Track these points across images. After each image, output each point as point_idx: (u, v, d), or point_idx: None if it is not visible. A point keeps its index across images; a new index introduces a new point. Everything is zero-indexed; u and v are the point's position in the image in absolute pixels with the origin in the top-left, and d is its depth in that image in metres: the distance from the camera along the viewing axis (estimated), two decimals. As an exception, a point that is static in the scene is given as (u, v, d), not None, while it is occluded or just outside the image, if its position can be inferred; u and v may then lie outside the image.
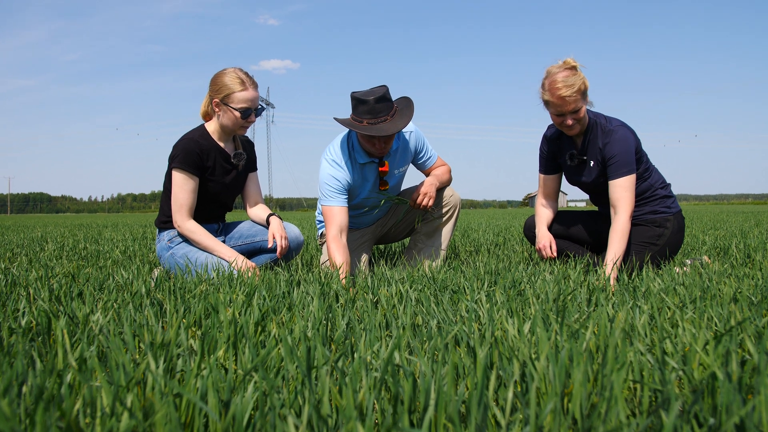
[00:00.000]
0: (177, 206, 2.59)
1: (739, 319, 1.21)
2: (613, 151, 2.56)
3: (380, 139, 2.59)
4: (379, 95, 2.53)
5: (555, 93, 2.49)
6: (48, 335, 1.35)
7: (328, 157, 2.75)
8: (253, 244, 2.86)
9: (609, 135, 2.58)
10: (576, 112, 2.53)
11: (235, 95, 2.55)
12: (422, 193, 2.76)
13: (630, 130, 2.61)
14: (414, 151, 2.93)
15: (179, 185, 2.58)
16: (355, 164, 2.75)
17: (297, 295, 1.77)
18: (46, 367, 0.90)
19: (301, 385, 0.84)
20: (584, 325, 1.06)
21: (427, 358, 1.07)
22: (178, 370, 1.05)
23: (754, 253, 3.15)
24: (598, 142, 2.62)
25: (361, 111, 2.54)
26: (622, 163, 2.55)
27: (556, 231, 2.95)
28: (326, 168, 2.73)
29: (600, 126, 2.62)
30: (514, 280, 2.02)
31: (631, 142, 2.57)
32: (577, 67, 2.53)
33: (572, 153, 2.73)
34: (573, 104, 2.50)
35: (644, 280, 2.04)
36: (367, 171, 2.80)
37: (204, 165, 2.63)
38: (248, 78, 2.60)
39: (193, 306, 1.59)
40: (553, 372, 0.81)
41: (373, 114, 2.53)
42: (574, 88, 2.47)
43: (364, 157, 2.75)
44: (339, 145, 2.77)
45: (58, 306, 1.63)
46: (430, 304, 1.63)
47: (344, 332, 1.34)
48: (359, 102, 2.54)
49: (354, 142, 2.77)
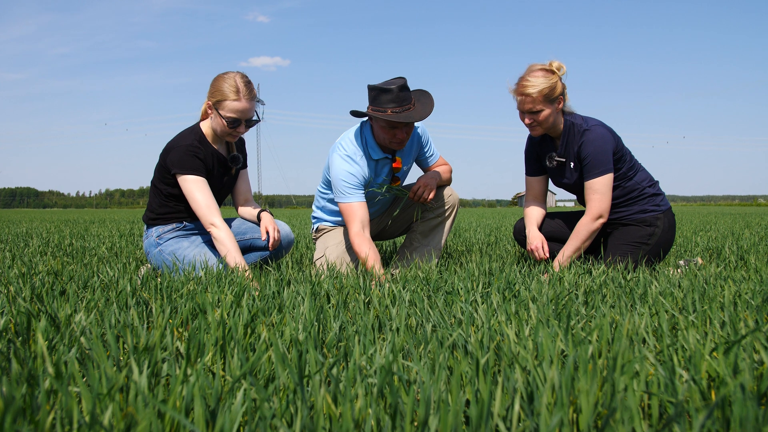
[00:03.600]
0: (206, 208, 2.46)
1: (751, 327, 1.18)
2: (586, 151, 2.56)
3: (403, 129, 2.58)
4: (402, 84, 2.53)
5: (518, 89, 2.55)
6: (28, 336, 1.30)
7: (341, 153, 2.69)
8: (244, 242, 2.80)
9: (583, 135, 2.57)
10: (535, 114, 2.55)
11: (226, 103, 2.46)
12: (422, 185, 2.73)
13: (607, 129, 2.59)
14: (420, 146, 2.93)
15: (194, 188, 2.48)
16: (369, 160, 2.73)
17: (287, 295, 1.72)
18: (22, 373, 0.84)
19: (293, 394, 0.80)
20: (590, 333, 1.02)
21: (424, 363, 1.03)
22: (163, 375, 1.00)
23: (747, 255, 3.14)
24: (574, 142, 2.61)
25: (384, 100, 2.52)
26: (595, 163, 2.54)
27: (546, 232, 2.92)
28: (341, 164, 2.67)
29: (576, 126, 2.60)
30: (509, 281, 1.98)
31: (606, 141, 2.54)
32: (556, 71, 2.51)
33: (551, 155, 2.72)
34: (530, 104, 2.53)
35: (640, 281, 2.01)
36: (380, 167, 2.79)
37: (207, 168, 2.57)
38: (245, 88, 2.48)
39: (180, 306, 1.53)
40: (560, 380, 0.78)
41: (398, 102, 2.52)
42: (537, 89, 2.49)
43: (379, 152, 2.72)
44: (352, 140, 2.73)
45: (39, 305, 1.57)
46: (424, 306, 1.59)
47: (336, 335, 1.30)
48: (382, 92, 2.52)
49: (367, 137, 2.73)
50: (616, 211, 2.69)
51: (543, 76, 2.51)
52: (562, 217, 2.96)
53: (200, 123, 2.63)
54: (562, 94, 2.56)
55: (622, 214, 2.68)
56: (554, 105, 2.56)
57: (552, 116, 2.58)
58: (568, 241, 2.65)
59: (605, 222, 2.61)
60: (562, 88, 2.56)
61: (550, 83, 2.50)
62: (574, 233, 2.63)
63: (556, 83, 2.51)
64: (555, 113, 2.58)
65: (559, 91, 2.53)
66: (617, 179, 2.63)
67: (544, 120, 2.58)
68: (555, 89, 2.52)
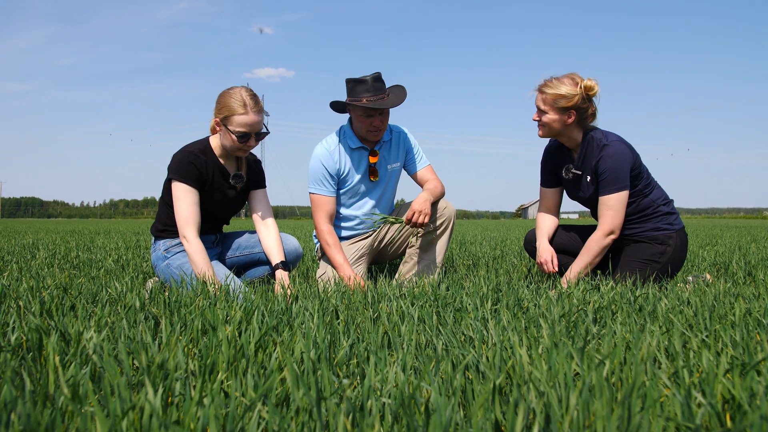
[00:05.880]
0: (183, 220, 2.48)
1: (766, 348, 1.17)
2: (604, 166, 2.55)
3: (378, 117, 2.76)
4: (376, 76, 2.74)
5: (540, 84, 2.62)
6: (39, 353, 1.30)
7: (321, 144, 2.92)
8: (251, 256, 2.80)
9: (602, 150, 2.56)
10: (542, 113, 2.60)
11: (235, 118, 2.45)
12: (417, 211, 2.67)
13: (626, 145, 2.58)
14: (406, 150, 3.04)
15: (180, 197, 2.49)
16: (345, 148, 2.91)
17: (296, 310, 1.72)
18: (37, 392, 0.85)
19: (308, 416, 0.80)
20: (606, 357, 1.02)
21: (438, 384, 1.03)
22: (176, 394, 1.00)
23: (755, 271, 3.13)
24: (592, 156, 2.60)
25: (360, 91, 2.73)
26: (612, 179, 2.54)
27: (557, 245, 2.91)
28: (319, 152, 2.90)
29: (596, 140, 2.60)
30: (518, 298, 1.98)
31: (625, 158, 2.54)
32: (582, 87, 2.51)
33: (568, 167, 2.71)
34: (539, 102, 2.61)
35: (649, 298, 2.00)
36: (358, 156, 2.92)
37: (202, 178, 2.55)
38: (252, 101, 2.47)
39: (189, 322, 1.53)
40: (576, 404, 0.77)
41: (372, 92, 2.72)
42: (551, 91, 2.55)
43: (356, 142, 2.89)
44: (333, 135, 2.97)
45: (49, 321, 1.57)
46: (433, 323, 1.58)
47: (347, 353, 1.30)
48: (357, 83, 2.74)
49: (346, 129, 2.94)
50: (629, 228, 2.67)
51: (566, 84, 2.53)
52: (575, 231, 2.94)
53: (209, 137, 2.64)
54: (577, 109, 2.55)
55: (634, 230, 2.67)
56: (563, 115, 2.55)
57: (558, 124, 2.58)
58: (578, 257, 2.65)
59: (617, 238, 2.61)
60: (581, 104, 2.54)
61: (567, 93, 2.51)
62: (584, 249, 2.63)
63: (575, 97, 2.51)
64: (562, 123, 2.57)
65: (573, 104, 2.52)
66: (633, 196, 2.62)
67: (548, 123, 2.60)
68: (570, 100, 2.51)
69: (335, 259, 2.77)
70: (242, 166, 2.71)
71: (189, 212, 2.48)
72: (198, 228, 2.50)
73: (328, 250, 2.81)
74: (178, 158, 2.51)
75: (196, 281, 2.33)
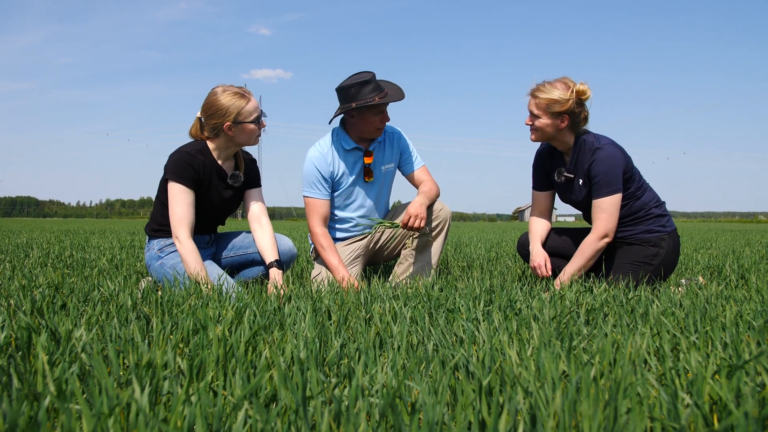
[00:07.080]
0: (176, 221, 2.48)
1: (754, 349, 1.17)
2: (596, 169, 2.56)
3: (385, 113, 2.82)
4: (373, 75, 2.79)
5: (532, 89, 2.63)
6: (28, 351, 1.29)
7: (315, 147, 2.93)
8: (246, 256, 2.80)
9: (594, 153, 2.57)
10: (535, 117, 2.61)
11: (245, 110, 2.51)
12: (412, 215, 2.67)
13: (618, 149, 2.59)
14: (401, 151, 3.05)
15: (175, 198, 2.49)
16: (339, 150, 2.91)
17: (288, 311, 1.72)
18: (22, 390, 0.84)
19: (295, 415, 0.80)
20: (593, 356, 1.02)
21: (426, 383, 1.03)
22: (164, 392, 1.00)
23: (748, 274, 3.14)
24: (585, 159, 2.61)
25: (367, 92, 2.75)
26: (605, 182, 2.54)
27: (551, 248, 2.91)
28: (312, 155, 2.89)
29: (588, 144, 2.61)
30: (510, 299, 1.98)
31: (617, 161, 2.54)
32: (575, 91, 2.52)
33: (560, 170, 2.72)
34: (532, 107, 2.62)
35: (641, 300, 2.01)
36: (352, 158, 2.93)
37: (199, 179, 2.54)
38: (240, 88, 2.55)
39: (180, 321, 1.53)
40: (562, 404, 0.77)
41: (378, 90, 2.76)
42: (544, 96, 2.55)
43: (351, 143, 2.90)
44: (326, 138, 2.97)
45: (40, 319, 1.57)
46: (425, 324, 1.58)
47: (338, 353, 1.29)
48: (362, 85, 2.75)
49: (339, 133, 2.94)
50: (621, 230, 2.68)
51: (559, 89, 2.54)
52: (568, 234, 2.94)
53: (207, 141, 2.62)
54: (570, 114, 2.56)
55: (627, 233, 2.68)
56: (555, 120, 2.56)
57: (551, 128, 2.59)
58: (571, 260, 2.65)
59: (610, 241, 2.61)
60: (574, 109, 2.55)
61: (560, 98, 2.52)
62: (578, 252, 2.63)
63: (567, 101, 2.52)
64: (555, 127, 2.58)
65: (566, 109, 2.53)
66: (625, 198, 2.63)
67: (540, 128, 2.61)
68: (562, 105, 2.52)
69: (330, 262, 2.78)
70: (240, 166, 2.71)
71: (183, 213, 2.48)
72: (191, 229, 2.50)
73: (323, 253, 2.82)
74: (175, 158, 2.50)
75: (189, 281, 2.33)
